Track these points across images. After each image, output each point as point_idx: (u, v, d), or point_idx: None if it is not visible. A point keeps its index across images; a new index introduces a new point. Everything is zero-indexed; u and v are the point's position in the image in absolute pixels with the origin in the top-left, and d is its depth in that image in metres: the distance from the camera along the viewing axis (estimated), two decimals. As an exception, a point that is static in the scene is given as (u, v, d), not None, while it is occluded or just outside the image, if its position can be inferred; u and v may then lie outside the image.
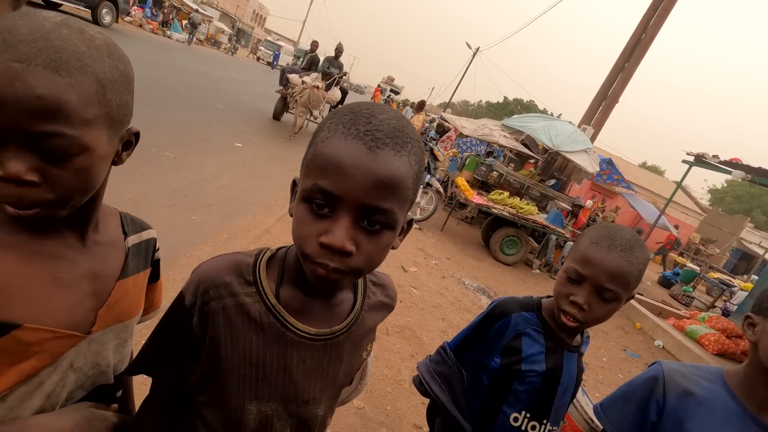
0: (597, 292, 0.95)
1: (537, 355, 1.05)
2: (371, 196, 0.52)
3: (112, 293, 0.68)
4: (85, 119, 0.52)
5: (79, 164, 0.53)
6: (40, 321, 0.58)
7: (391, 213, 0.55)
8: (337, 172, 0.52)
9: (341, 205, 0.53)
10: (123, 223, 0.75)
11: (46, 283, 0.60)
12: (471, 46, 31.74)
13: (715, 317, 6.58)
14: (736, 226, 23.26)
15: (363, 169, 0.52)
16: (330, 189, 0.53)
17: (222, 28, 32.62)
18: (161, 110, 6.24)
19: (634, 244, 0.95)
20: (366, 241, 0.55)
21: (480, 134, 8.78)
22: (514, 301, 1.11)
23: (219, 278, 0.64)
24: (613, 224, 1.03)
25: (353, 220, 0.54)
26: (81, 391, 0.67)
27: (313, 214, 0.55)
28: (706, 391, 0.93)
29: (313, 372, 0.67)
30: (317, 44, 10.48)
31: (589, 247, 0.97)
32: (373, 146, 0.52)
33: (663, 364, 1.01)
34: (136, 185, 3.64)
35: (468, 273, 5.65)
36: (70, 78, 0.50)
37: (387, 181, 0.52)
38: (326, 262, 0.54)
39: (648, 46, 10.44)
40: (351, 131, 0.54)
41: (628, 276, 0.94)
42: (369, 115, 0.55)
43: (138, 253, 0.75)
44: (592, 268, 0.95)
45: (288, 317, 0.64)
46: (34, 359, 0.58)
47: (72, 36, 0.51)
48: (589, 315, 0.96)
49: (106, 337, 0.69)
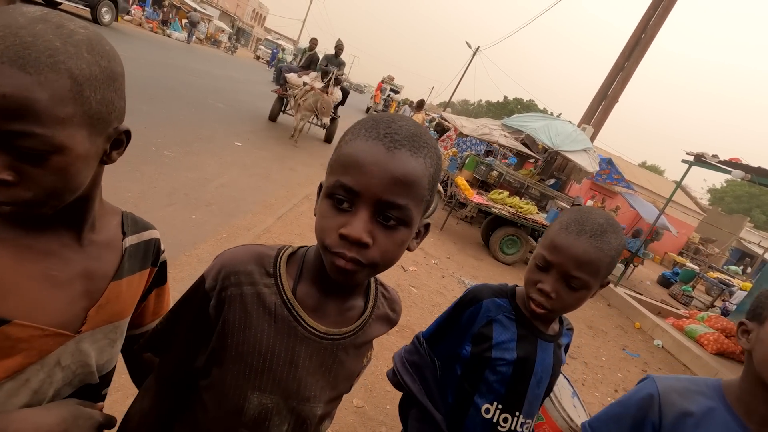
0: (564, 279, 0.91)
1: (508, 342, 1.01)
2: (388, 192, 0.56)
3: (105, 294, 0.67)
4: (57, 118, 0.50)
5: (56, 164, 0.52)
6: (30, 318, 0.57)
7: (406, 209, 0.58)
8: (357, 169, 0.57)
9: (360, 200, 0.57)
10: (123, 222, 0.74)
11: (38, 280, 0.59)
12: (471, 46, 31.72)
13: (715, 317, 6.59)
14: (735, 225, 23.29)
15: (381, 166, 0.56)
16: (350, 185, 0.57)
17: (222, 27, 32.58)
18: (161, 109, 6.23)
19: (606, 229, 0.90)
20: (382, 236, 0.58)
21: (480, 134, 8.78)
22: (487, 288, 1.08)
23: (242, 265, 0.67)
24: (588, 208, 0.98)
25: (371, 215, 0.57)
26: (68, 389, 0.67)
27: (334, 208, 0.59)
28: (704, 409, 0.86)
29: (316, 370, 0.69)
30: (316, 42, 9.81)
31: (557, 233, 0.93)
32: (391, 146, 0.57)
33: (657, 381, 0.94)
34: (136, 184, 3.63)
35: (468, 272, 5.65)
36: (39, 75, 0.48)
37: (402, 178, 0.56)
38: (344, 251, 0.57)
39: (648, 45, 10.43)
40: (372, 134, 0.58)
41: (597, 263, 0.89)
42: (389, 121, 0.60)
43: (135, 254, 0.74)
44: (559, 255, 0.91)
45: (301, 312, 0.67)
46: (21, 356, 0.58)
47: (47, 31, 0.50)
48: (557, 303, 0.93)
49: (95, 337, 0.68)
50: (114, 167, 0.66)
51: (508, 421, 1.02)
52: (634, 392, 0.97)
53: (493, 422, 1.01)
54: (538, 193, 8.10)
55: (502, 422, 1.02)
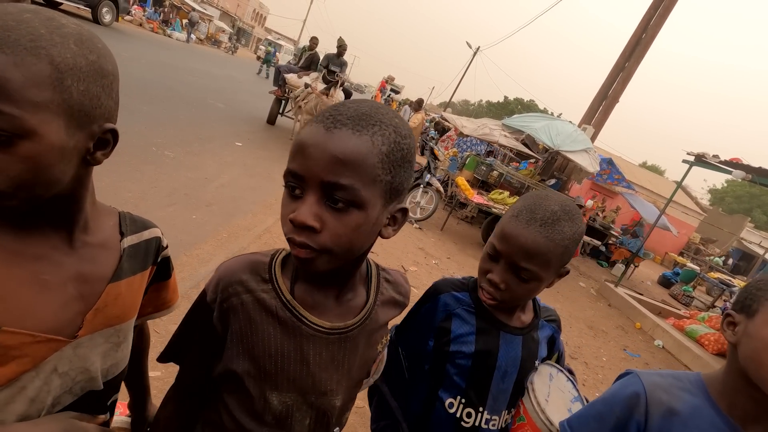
0: (513, 270, 0.87)
1: (466, 336, 0.98)
2: (329, 172, 0.56)
3: (102, 296, 0.65)
4: (31, 101, 0.48)
5: (26, 151, 0.49)
6: (20, 324, 0.55)
7: (352, 189, 0.56)
8: (300, 153, 0.58)
9: (306, 185, 0.57)
10: (121, 223, 0.72)
11: (28, 285, 0.57)
12: (471, 46, 31.71)
13: (715, 317, 6.58)
14: (736, 226, 23.27)
15: (320, 147, 0.56)
16: (295, 169, 0.58)
17: (222, 27, 32.60)
18: (161, 109, 6.23)
19: (560, 216, 0.85)
20: (332, 219, 0.58)
21: (480, 134, 8.77)
22: (447, 282, 1.05)
23: (236, 276, 0.68)
24: (543, 193, 0.94)
25: (318, 198, 0.57)
26: (69, 397, 0.64)
27: (289, 197, 0.60)
28: (689, 407, 0.83)
29: (328, 364, 0.70)
30: (317, 41, 9.13)
31: (508, 221, 0.88)
32: (331, 126, 0.57)
33: (641, 376, 0.89)
34: (136, 184, 3.63)
35: (468, 272, 5.64)
36: (15, 56, 0.46)
37: (342, 157, 0.55)
38: (294, 236, 0.58)
39: (648, 45, 10.42)
40: (319, 120, 0.59)
41: (547, 254, 0.85)
42: (342, 104, 0.60)
43: (135, 255, 0.72)
44: (507, 245, 0.87)
45: (303, 312, 0.68)
46: (14, 363, 0.56)
47: (33, 20, 0.49)
48: (506, 294, 0.90)
49: (95, 341, 0.66)
50: (114, 167, 0.65)
51: (471, 417, 0.99)
52: (618, 389, 0.91)
53: (456, 417, 0.99)
54: (538, 193, 8.09)
55: (466, 417, 0.99)
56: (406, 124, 0.63)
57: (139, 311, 0.79)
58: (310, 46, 9.19)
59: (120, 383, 0.75)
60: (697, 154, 7.47)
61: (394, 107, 18.79)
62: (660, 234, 14.39)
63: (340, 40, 8.66)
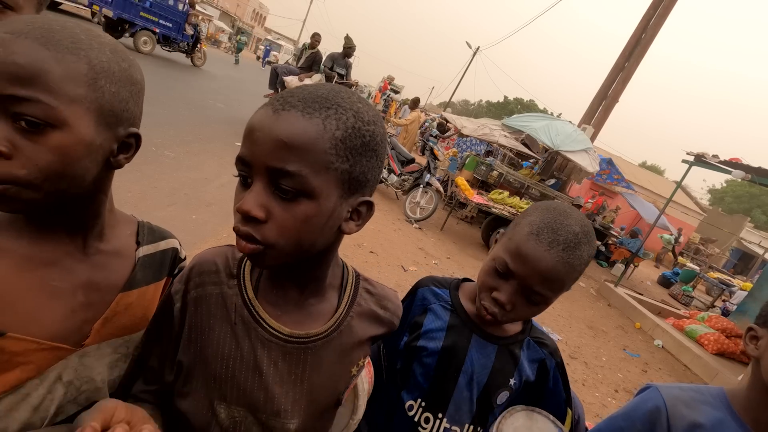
0: (524, 292, 0.80)
1: (436, 331, 0.91)
2: (274, 158, 0.51)
3: (112, 306, 0.64)
4: (67, 94, 0.51)
5: (55, 141, 0.51)
6: (26, 331, 0.55)
7: (299, 177, 0.51)
8: (247, 138, 0.54)
9: (252, 172, 0.54)
10: (139, 232, 0.71)
11: (37, 291, 0.57)
12: (471, 46, 31.72)
13: (715, 317, 6.58)
14: (735, 225, 23.28)
15: (265, 130, 0.52)
16: (242, 155, 0.54)
17: (222, 27, 32.59)
18: (161, 109, 6.23)
19: (581, 239, 0.78)
20: (279, 209, 0.53)
21: (480, 134, 8.77)
22: (429, 278, 1.00)
23: (208, 266, 0.65)
24: (560, 207, 0.83)
25: (264, 186, 0.53)
26: (73, 406, 0.63)
27: (240, 187, 0.56)
28: (713, 420, 0.82)
29: (284, 378, 0.63)
30: (319, 38, 7.95)
31: (526, 240, 0.79)
32: (279, 108, 0.53)
33: (662, 390, 0.88)
34: (137, 184, 3.64)
35: (468, 272, 5.64)
36: (57, 53, 0.50)
37: (288, 140, 0.51)
38: (238, 226, 0.54)
39: (648, 45, 10.43)
40: (270, 101, 0.55)
41: (565, 280, 0.78)
42: (299, 88, 0.56)
43: (150, 265, 0.71)
44: (524, 266, 0.78)
45: (262, 312, 0.62)
46: (19, 370, 0.55)
47: (75, 27, 0.54)
48: (510, 315, 0.83)
49: (102, 351, 0.65)
50: (114, 167, 0.65)
51: (429, 422, 0.90)
52: (638, 404, 0.90)
53: (414, 421, 0.91)
54: (538, 193, 8.10)
55: (423, 422, 0.90)
56: (372, 110, 0.58)
57: None
58: (311, 43, 8.04)
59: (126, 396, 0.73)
60: (697, 154, 7.48)
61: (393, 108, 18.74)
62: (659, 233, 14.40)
63: (348, 39, 7.69)
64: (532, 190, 8.06)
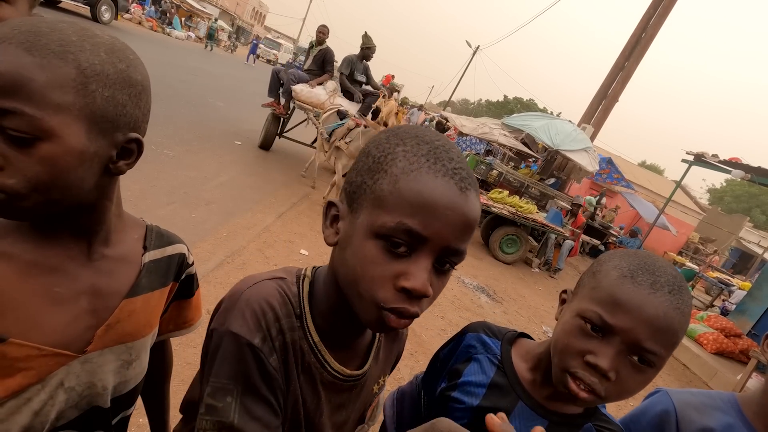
0: (631, 352, 0.64)
1: (476, 386, 0.78)
2: (458, 239, 0.50)
3: (115, 312, 0.63)
4: (52, 103, 0.49)
5: (45, 152, 0.49)
6: (28, 337, 0.55)
7: (464, 254, 0.53)
8: (430, 212, 0.48)
9: (426, 247, 0.49)
10: (146, 236, 0.70)
11: (40, 296, 0.56)
12: (471, 45, 31.70)
13: (714, 316, 6.59)
14: (735, 225, 23.30)
15: (457, 211, 0.49)
16: (418, 229, 0.48)
17: (222, 26, 32.54)
18: (160, 108, 6.22)
19: (682, 283, 0.66)
20: (437, 283, 0.53)
21: (479, 133, 8.78)
22: (481, 323, 0.89)
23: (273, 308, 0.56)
24: (641, 252, 0.72)
25: (433, 262, 0.50)
26: (74, 411, 0.62)
27: (388, 253, 0.50)
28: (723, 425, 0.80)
29: (335, 411, 0.64)
30: (326, 31, 6.31)
31: (620, 284, 0.65)
32: (464, 187, 0.50)
33: (671, 394, 0.86)
34: (136, 183, 3.63)
35: (467, 272, 5.65)
36: (42, 59, 0.48)
37: (473, 223, 0.51)
38: (406, 307, 0.50)
39: (648, 45, 10.44)
40: (439, 168, 0.50)
41: (678, 330, 0.64)
42: (446, 149, 0.52)
43: (156, 270, 0.70)
44: (627, 317, 0.63)
45: (328, 357, 0.60)
46: (20, 376, 0.55)
47: (67, 29, 0.51)
48: (614, 388, 0.64)
49: (105, 358, 0.64)
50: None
51: None
52: (647, 407, 0.89)
53: None
54: (537, 192, 8.10)
55: None
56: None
57: (159, 329, 0.76)
58: (317, 39, 6.34)
59: (130, 401, 0.72)
60: (697, 153, 7.48)
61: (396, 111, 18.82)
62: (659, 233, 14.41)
63: (366, 38, 6.31)
64: (532, 190, 8.07)
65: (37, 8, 0.91)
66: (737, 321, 6.44)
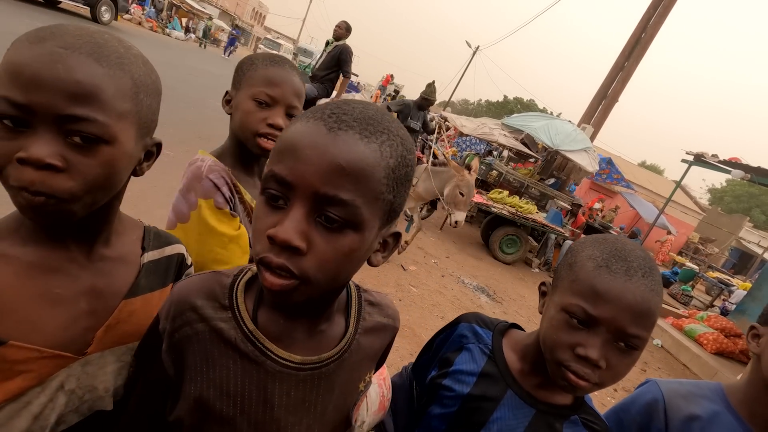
0: (616, 339, 0.67)
1: (467, 374, 0.80)
2: (327, 183, 0.45)
3: (114, 313, 0.63)
4: (117, 111, 0.53)
5: (106, 155, 0.53)
6: (28, 339, 0.54)
7: (353, 206, 0.46)
8: (291, 154, 0.47)
9: (294, 194, 0.47)
10: (144, 237, 0.70)
11: (40, 298, 0.56)
12: (471, 45, 31.71)
13: (714, 316, 6.59)
14: (735, 225, 23.32)
15: (319, 149, 0.46)
16: (282, 174, 0.47)
17: (221, 26, 32.55)
18: (161, 108, 6.22)
19: (651, 263, 0.69)
20: (321, 240, 0.47)
21: (479, 133, 8.78)
22: (476, 314, 0.90)
23: (188, 301, 0.57)
24: (611, 237, 0.74)
25: (307, 213, 0.47)
26: (75, 416, 0.61)
27: (268, 206, 0.49)
28: (709, 413, 0.84)
29: (298, 407, 0.59)
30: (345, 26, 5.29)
31: (596, 275, 0.68)
32: (335, 127, 0.47)
33: (660, 384, 0.90)
34: (136, 183, 3.59)
35: (467, 272, 5.65)
36: (109, 69, 0.53)
37: (346, 165, 0.45)
38: (270, 257, 0.47)
39: (648, 45, 10.44)
40: (316, 115, 0.48)
41: (656, 311, 0.67)
42: (341, 103, 0.50)
43: (155, 271, 0.70)
44: (608, 307, 0.66)
45: (267, 344, 0.56)
46: (20, 378, 0.55)
47: (112, 39, 0.56)
48: (606, 374, 0.68)
49: (105, 359, 0.63)
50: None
51: None
52: (636, 396, 0.92)
53: None
54: (537, 192, 8.11)
55: None
56: (410, 137, 0.55)
57: None
58: (336, 35, 5.35)
59: None
60: (697, 153, 7.49)
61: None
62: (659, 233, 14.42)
63: (429, 90, 5.68)
64: (532, 190, 8.07)
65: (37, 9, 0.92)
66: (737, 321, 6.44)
